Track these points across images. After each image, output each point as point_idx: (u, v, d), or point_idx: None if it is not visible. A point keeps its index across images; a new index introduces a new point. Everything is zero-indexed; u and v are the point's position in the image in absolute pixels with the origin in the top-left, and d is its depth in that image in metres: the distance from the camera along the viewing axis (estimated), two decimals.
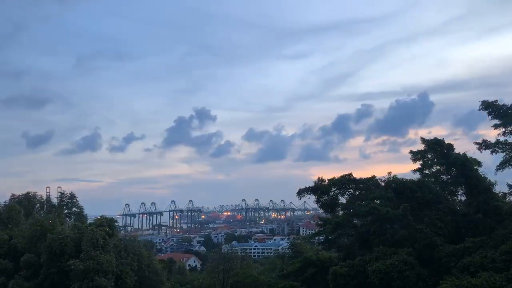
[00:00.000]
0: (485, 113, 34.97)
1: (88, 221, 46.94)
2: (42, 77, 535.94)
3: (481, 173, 36.08)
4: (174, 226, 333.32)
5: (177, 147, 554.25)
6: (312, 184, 39.86)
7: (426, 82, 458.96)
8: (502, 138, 34.82)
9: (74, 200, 53.05)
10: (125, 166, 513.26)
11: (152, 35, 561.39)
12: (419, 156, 38.91)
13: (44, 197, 54.89)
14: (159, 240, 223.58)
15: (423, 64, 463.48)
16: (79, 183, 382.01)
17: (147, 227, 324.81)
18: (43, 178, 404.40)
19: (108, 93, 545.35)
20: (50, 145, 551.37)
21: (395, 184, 37.39)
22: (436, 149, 37.91)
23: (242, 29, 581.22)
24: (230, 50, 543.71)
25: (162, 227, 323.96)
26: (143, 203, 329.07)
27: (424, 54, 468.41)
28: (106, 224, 37.29)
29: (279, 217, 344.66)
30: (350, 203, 38.80)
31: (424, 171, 38.73)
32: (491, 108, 34.62)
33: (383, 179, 38.64)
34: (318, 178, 40.06)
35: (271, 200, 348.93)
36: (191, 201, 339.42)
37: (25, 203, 48.61)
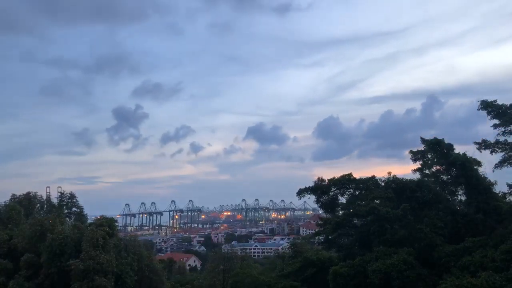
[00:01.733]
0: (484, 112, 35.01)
1: (88, 221, 46.98)
2: None
3: (481, 173, 36.10)
4: (174, 226, 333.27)
5: (182, 148, 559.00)
6: (312, 184, 39.90)
7: (435, 87, 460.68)
8: (501, 138, 34.83)
9: (74, 200, 53.08)
10: (130, 166, 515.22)
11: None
12: (419, 156, 38.93)
13: (44, 197, 54.88)
14: (159, 240, 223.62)
15: (432, 70, 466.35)
16: (81, 183, 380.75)
17: (147, 227, 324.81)
18: (43, 179, 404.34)
19: None
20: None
21: (395, 184, 37.38)
22: (436, 149, 37.91)
23: (266, 42, 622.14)
24: (252, 60, 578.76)
25: (162, 227, 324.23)
26: (143, 203, 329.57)
27: (434, 62, 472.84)
28: (106, 224, 37.29)
29: (279, 217, 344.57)
30: (350, 203, 38.75)
31: (424, 171, 38.74)
32: (491, 108, 34.63)
33: (383, 179, 38.66)
34: (318, 178, 40.11)
35: (271, 200, 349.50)
36: (191, 201, 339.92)
37: (25, 203, 48.60)
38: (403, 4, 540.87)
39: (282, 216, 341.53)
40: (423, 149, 38.82)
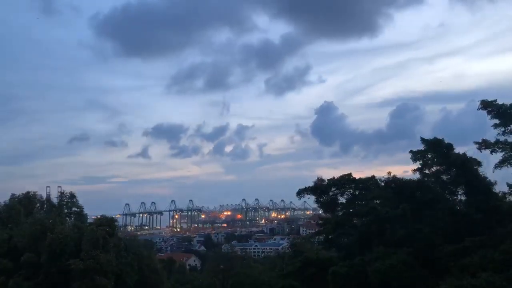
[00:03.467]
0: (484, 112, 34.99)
1: (88, 221, 47.02)
2: None
3: (481, 173, 36.12)
4: (174, 225, 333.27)
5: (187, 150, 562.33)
6: (312, 184, 39.95)
7: (443, 92, 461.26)
8: (501, 138, 34.80)
9: (74, 200, 53.08)
10: (135, 167, 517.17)
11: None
12: (419, 156, 38.91)
13: (44, 197, 54.92)
14: (159, 239, 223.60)
15: (441, 76, 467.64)
16: (83, 183, 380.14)
17: (147, 227, 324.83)
18: (44, 179, 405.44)
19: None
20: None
21: (394, 184, 37.41)
22: (436, 149, 37.91)
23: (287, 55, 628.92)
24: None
25: (162, 227, 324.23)
26: (143, 202, 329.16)
27: (443, 69, 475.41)
28: (106, 223, 37.34)
29: (279, 217, 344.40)
30: (350, 203, 38.82)
31: (424, 171, 38.74)
32: (491, 108, 34.62)
33: (383, 179, 38.69)
34: (318, 178, 40.22)
35: (271, 200, 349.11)
36: (191, 200, 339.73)
37: (25, 203, 48.61)
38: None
39: (282, 216, 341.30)
40: (423, 149, 38.82)
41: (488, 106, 34.64)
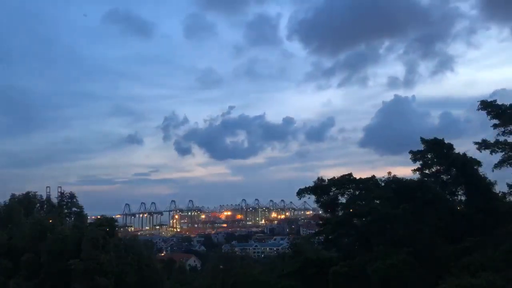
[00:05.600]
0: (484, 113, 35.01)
1: (88, 221, 47.05)
2: None
3: (481, 173, 36.13)
4: (174, 225, 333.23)
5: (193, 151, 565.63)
6: (312, 184, 39.92)
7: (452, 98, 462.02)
8: (501, 138, 34.83)
9: (74, 200, 53.12)
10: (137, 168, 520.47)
11: None
12: (419, 156, 38.94)
13: (44, 197, 54.94)
14: (159, 239, 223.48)
15: (451, 84, 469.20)
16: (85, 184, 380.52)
17: (147, 227, 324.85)
18: (47, 179, 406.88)
19: None
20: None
21: (395, 184, 37.41)
22: (436, 149, 37.94)
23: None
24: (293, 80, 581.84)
25: (162, 227, 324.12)
26: (143, 203, 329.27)
27: (453, 77, 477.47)
28: (106, 224, 37.35)
29: (279, 217, 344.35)
30: (350, 203, 38.79)
31: (424, 171, 38.75)
32: (490, 108, 34.65)
33: (383, 179, 38.68)
34: (318, 178, 40.17)
35: (271, 200, 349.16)
36: (191, 201, 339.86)
37: (25, 203, 48.63)
38: None
39: (282, 216, 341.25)
40: (423, 149, 38.84)
41: (488, 106, 34.69)
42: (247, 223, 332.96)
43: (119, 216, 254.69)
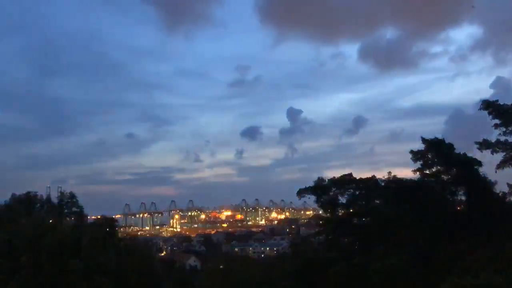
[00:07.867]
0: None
1: (88, 221, 47.02)
2: None
3: (481, 173, 36.11)
4: (174, 225, 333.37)
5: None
6: (312, 184, 39.92)
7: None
8: (502, 138, 34.79)
9: (74, 200, 53.02)
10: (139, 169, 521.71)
11: None
12: (419, 156, 38.92)
13: (44, 197, 54.86)
14: (159, 240, 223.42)
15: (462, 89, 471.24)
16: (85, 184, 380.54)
17: (147, 227, 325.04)
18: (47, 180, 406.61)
19: None
20: None
21: (395, 184, 37.40)
22: (436, 149, 37.91)
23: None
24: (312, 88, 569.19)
25: (163, 227, 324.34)
26: (143, 203, 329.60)
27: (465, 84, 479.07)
28: (106, 224, 37.33)
29: (279, 217, 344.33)
30: (350, 203, 38.80)
31: (424, 171, 38.74)
32: (492, 108, 34.61)
33: (383, 179, 38.67)
34: (318, 178, 40.18)
35: (271, 200, 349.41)
36: (191, 201, 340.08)
37: (25, 203, 48.58)
38: None
39: (282, 216, 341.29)
40: (423, 149, 38.82)
41: (489, 106, 34.65)
42: (247, 223, 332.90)
43: (119, 216, 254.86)
